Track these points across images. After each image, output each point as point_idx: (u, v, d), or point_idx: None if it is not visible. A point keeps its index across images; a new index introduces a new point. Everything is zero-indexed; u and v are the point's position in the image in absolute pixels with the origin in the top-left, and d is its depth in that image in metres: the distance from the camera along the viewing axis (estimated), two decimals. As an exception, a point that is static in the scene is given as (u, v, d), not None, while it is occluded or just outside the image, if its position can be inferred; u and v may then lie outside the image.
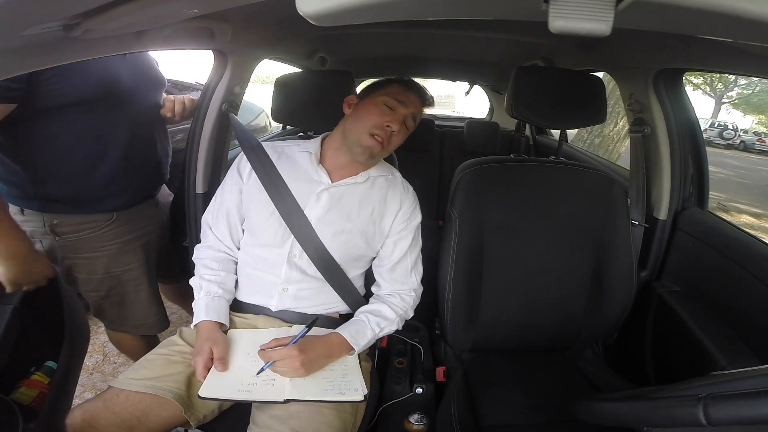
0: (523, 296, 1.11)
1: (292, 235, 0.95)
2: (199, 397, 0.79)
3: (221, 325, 0.93)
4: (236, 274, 1.04)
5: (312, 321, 0.92)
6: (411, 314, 1.04)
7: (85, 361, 1.71)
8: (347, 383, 0.85)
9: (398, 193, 1.01)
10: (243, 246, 1.02)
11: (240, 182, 1.01)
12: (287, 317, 0.99)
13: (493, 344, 1.15)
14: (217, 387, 0.81)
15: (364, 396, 0.83)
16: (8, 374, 0.83)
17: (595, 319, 1.12)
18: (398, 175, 1.06)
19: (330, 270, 0.97)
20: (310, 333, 0.89)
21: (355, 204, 0.97)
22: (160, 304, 1.23)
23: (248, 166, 0.99)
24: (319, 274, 0.97)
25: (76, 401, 1.51)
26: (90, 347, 1.82)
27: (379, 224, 0.99)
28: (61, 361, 0.93)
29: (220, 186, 1.04)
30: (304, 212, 0.95)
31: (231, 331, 0.96)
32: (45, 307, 0.98)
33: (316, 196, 0.96)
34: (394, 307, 0.99)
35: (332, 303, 1.01)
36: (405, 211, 1.01)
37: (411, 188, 1.05)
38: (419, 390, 1.11)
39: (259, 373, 0.83)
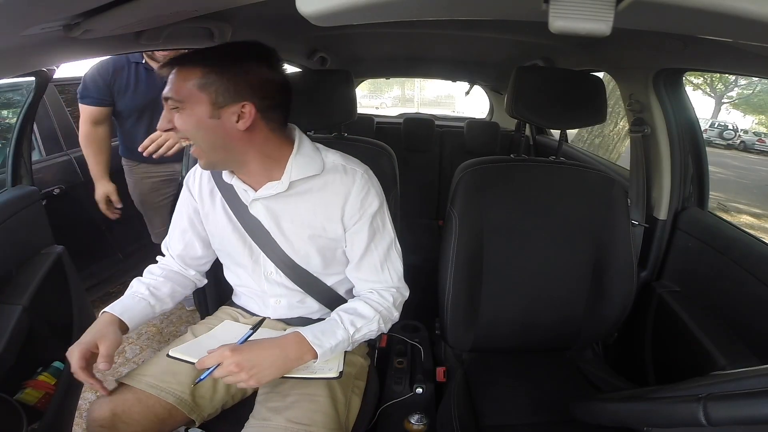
0: (523, 296, 1.11)
1: (262, 252, 0.89)
2: (168, 356, 0.80)
3: (122, 323, 0.84)
4: (183, 287, 0.98)
5: (257, 323, 0.85)
6: (396, 315, 0.91)
7: (85, 361, 1.72)
8: (323, 365, 0.82)
9: (339, 182, 0.86)
10: (225, 268, 1.00)
11: (193, 201, 0.93)
12: (290, 321, 0.98)
13: (493, 344, 1.15)
14: (189, 351, 0.81)
15: (340, 373, 0.80)
16: (15, 374, 0.83)
17: (595, 319, 1.12)
18: (336, 161, 0.88)
19: (306, 282, 0.92)
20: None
21: (295, 211, 0.86)
22: None
23: (196, 184, 0.93)
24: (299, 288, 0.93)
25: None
26: (90, 347, 1.82)
27: (330, 222, 0.87)
28: (68, 362, 0.93)
29: (175, 210, 0.98)
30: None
31: (229, 321, 0.97)
32: (54, 306, 0.99)
33: (252, 207, 0.87)
34: (371, 302, 0.87)
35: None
36: (354, 198, 0.85)
37: (359, 171, 0.87)
38: (419, 390, 1.11)
39: (197, 382, 0.76)
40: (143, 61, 1.61)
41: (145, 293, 0.90)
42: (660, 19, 0.37)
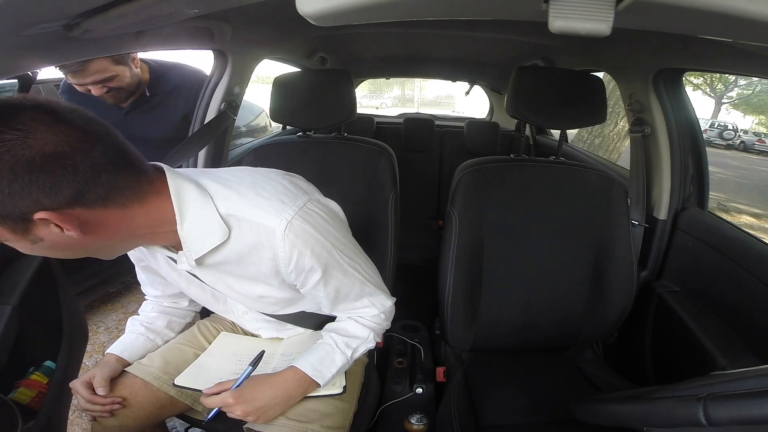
0: (523, 296, 1.11)
1: (227, 297, 0.83)
2: (174, 385, 0.81)
3: (124, 361, 0.86)
4: (180, 317, 0.96)
5: (256, 358, 0.81)
6: (387, 324, 0.86)
7: (85, 361, 1.72)
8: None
9: (256, 248, 0.66)
10: None
11: (137, 255, 0.82)
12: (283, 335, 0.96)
13: (493, 344, 1.15)
14: (194, 378, 0.83)
15: (343, 388, 0.82)
16: (7, 374, 0.83)
17: (595, 319, 1.12)
18: (240, 211, 0.64)
19: (284, 317, 0.87)
20: (279, 363, 0.84)
21: (228, 280, 0.74)
22: None
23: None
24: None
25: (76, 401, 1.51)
26: (90, 347, 1.82)
27: (273, 288, 0.75)
28: (59, 361, 0.93)
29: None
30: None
31: (225, 333, 0.97)
32: (43, 307, 0.99)
33: (188, 276, 0.77)
34: (362, 321, 0.81)
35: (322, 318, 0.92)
36: (285, 269, 0.68)
37: (278, 230, 0.63)
38: (419, 390, 1.11)
39: (206, 421, 0.80)
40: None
41: (141, 330, 0.90)
42: (660, 19, 0.37)
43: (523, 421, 0.95)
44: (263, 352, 0.83)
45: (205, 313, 1.06)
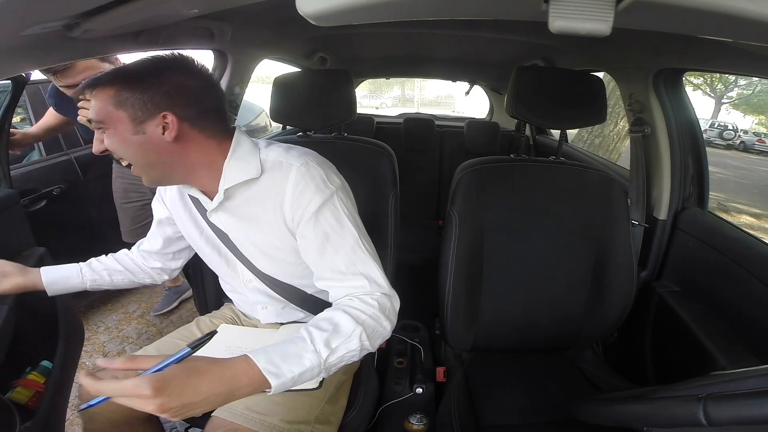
0: (523, 296, 1.11)
1: (238, 261, 0.88)
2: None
3: (31, 275, 0.86)
4: (132, 272, 0.99)
5: (202, 338, 0.61)
6: (386, 325, 0.72)
7: (85, 360, 1.72)
8: None
9: (274, 182, 0.78)
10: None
11: (164, 210, 0.93)
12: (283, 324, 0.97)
13: (493, 344, 1.15)
14: None
15: (319, 383, 0.79)
16: (4, 374, 0.83)
17: (595, 319, 1.12)
18: (276, 157, 0.79)
19: (287, 291, 0.89)
20: (238, 346, 0.83)
21: (247, 225, 0.83)
22: None
23: (167, 190, 0.92)
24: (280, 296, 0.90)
25: (75, 401, 1.52)
26: (90, 347, 1.82)
27: (278, 232, 0.80)
28: (56, 361, 0.93)
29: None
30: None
31: (222, 326, 0.97)
32: (39, 307, 0.99)
33: (212, 217, 0.84)
34: (351, 311, 0.69)
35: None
36: (289, 198, 0.76)
37: (295, 165, 0.77)
38: (419, 390, 1.11)
39: (81, 409, 0.61)
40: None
41: (83, 264, 0.93)
42: (660, 19, 0.37)
43: (523, 421, 0.95)
44: (215, 332, 0.64)
45: (204, 311, 1.06)
